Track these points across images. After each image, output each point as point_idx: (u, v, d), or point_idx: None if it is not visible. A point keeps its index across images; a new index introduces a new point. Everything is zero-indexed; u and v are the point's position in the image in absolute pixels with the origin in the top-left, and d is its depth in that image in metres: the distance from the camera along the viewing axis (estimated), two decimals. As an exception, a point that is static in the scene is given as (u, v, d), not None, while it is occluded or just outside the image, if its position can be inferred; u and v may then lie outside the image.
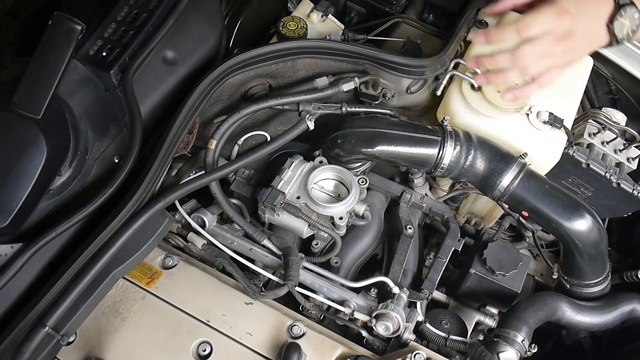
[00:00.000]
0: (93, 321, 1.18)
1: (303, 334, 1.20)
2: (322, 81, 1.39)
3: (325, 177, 1.38)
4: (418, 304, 1.27)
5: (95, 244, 1.10)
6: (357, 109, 1.40)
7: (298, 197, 1.32)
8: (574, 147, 1.44)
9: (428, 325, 1.28)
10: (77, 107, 1.21)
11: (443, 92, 1.46)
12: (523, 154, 1.30)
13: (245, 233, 1.34)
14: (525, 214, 1.31)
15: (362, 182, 1.40)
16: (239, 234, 1.34)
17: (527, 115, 1.37)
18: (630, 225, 1.76)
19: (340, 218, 1.31)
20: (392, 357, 1.19)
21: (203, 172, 1.29)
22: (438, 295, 1.46)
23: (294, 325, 1.20)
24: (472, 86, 1.38)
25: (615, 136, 1.51)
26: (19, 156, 1.05)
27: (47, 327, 1.04)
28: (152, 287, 1.24)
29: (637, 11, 1.09)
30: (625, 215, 1.59)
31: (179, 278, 1.26)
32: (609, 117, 1.54)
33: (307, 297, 1.25)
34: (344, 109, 1.38)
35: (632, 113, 1.70)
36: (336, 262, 1.38)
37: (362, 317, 1.24)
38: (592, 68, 1.56)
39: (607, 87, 1.80)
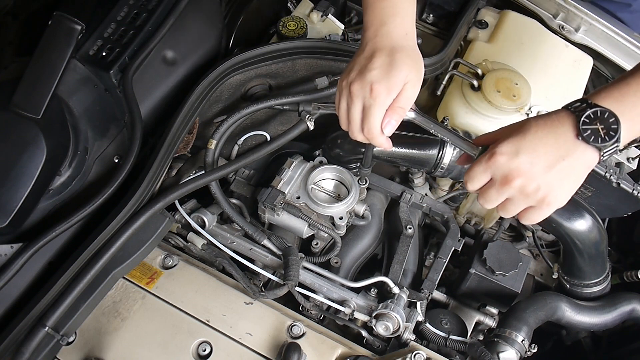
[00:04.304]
0: (93, 321, 1.17)
1: (303, 334, 1.20)
2: (322, 81, 1.38)
3: (325, 177, 1.38)
4: (418, 304, 1.27)
5: (95, 244, 1.11)
6: (357, 109, 1.40)
7: (298, 197, 1.32)
8: (574, 147, 1.44)
9: (428, 325, 1.28)
10: (77, 107, 1.21)
11: (443, 92, 1.46)
12: (523, 154, 1.30)
13: (245, 233, 1.33)
14: (525, 214, 1.31)
15: (362, 182, 1.40)
16: (239, 234, 1.34)
17: (527, 115, 1.37)
18: (630, 225, 1.76)
19: (340, 218, 1.31)
20: (392, 357, 1.18)
21: (203, 172, 1.29)
22: (438, 295, 1.46)
23: (294, 325, 1.20)
24: (472, 86, 1.38)
25: (615, 136, 1.51)
26: (19, 156, 1.05)
27: (47, 327, 1.04)
28: (152, 287, 1.24)
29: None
30: (625, 215, 1.59)
31: (179, 278, 1.26)
32: (609, 117, 1.54)
33: (307, 297, 1.25)
34: (344, 109, 1.38)
35: (632, 113, 1.69)
36: (336, 262, 1.38)
37: (362, 317, 1.24)
38: (592, 68, 1.56)
39: (607, 87, 1.80)
